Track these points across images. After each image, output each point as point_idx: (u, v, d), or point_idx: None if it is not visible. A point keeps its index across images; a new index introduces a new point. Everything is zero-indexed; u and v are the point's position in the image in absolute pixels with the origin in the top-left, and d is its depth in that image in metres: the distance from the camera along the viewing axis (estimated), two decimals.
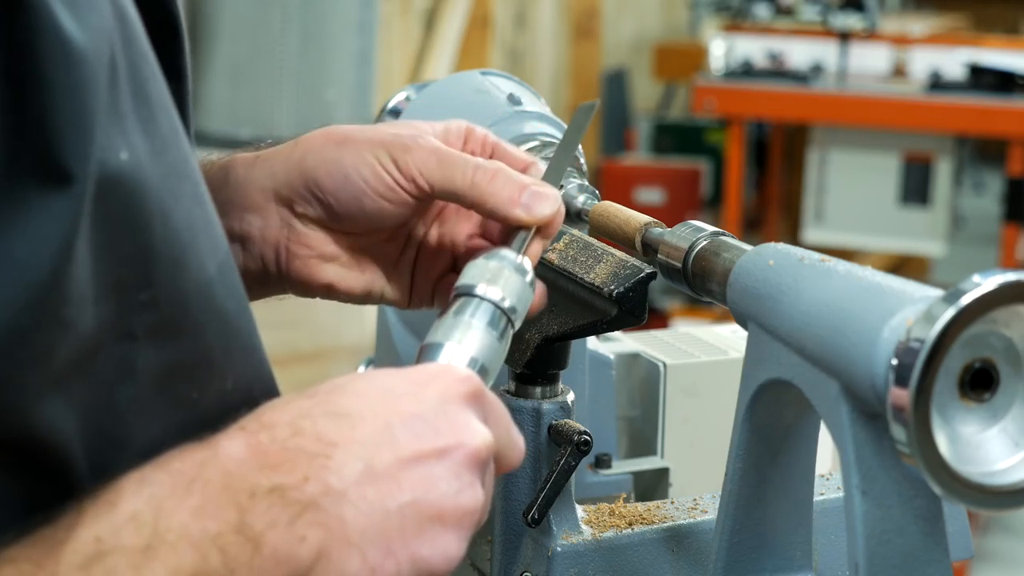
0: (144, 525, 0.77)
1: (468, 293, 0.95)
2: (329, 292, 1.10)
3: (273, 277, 1.10)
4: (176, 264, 0.85)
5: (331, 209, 1.05)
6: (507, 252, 0.98)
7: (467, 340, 0.93)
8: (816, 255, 0.98)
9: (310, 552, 0.80)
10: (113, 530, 0.76)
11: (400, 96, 1.40)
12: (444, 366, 0.90)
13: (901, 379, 0.83)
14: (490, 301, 0.95)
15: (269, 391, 0.95)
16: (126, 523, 0.77)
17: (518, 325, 0.97)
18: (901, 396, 0.83)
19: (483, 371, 0.93)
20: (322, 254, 1.08)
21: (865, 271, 0.93)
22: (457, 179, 1.02)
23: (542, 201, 1.02)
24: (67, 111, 0.75)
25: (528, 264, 0.99)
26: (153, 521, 0.77)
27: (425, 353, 0.93)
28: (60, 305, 0.76)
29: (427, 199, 1.05)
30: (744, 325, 1.02)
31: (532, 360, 1.13)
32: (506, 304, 0.95)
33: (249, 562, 0.78)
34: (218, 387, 0.89)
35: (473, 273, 0.97)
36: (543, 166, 1.08)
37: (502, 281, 0.96)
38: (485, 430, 0.86)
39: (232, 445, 0.81)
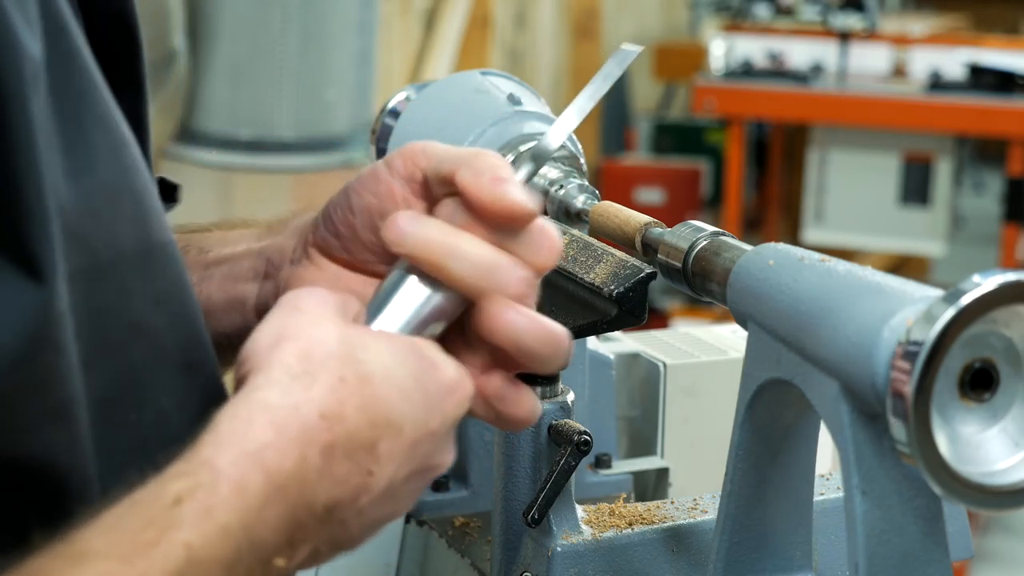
0: (232, 539, 0.77)
1: None
2: None
3: None
4: (109, 286, 0.84)
5: (331, 223, 0.99)
6: None
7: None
8: (816, 255, 0.98)
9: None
10: (205, 541, 0.76)
11: (400, 96, 1.40)
12: (461, 381, 0.88)
13: (901, 379, 0.83)
14: None
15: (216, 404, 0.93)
16: (219, 536, 0.76)
17: None
18: (901, 396, 0.83)
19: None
20: (303, 277, 1.01)
21: (865, 271, 0.93)
22: (442, 157, 0.93)
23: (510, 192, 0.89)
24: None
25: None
26: (240, 538, 0.77)
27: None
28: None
29: (417, 188, 0.96)
30: (744, 325, 1.02)
31: None
32: None
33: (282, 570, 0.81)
34: (154, 407, 0.89)
35: None
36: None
37: None
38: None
39: (315, 451, 0.80)
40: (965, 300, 0.82)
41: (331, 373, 0.82)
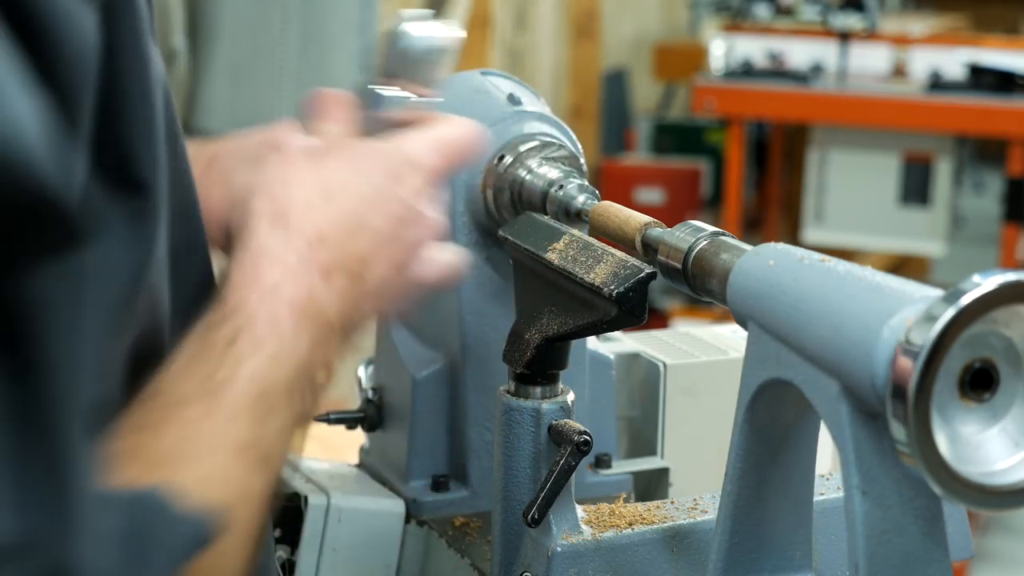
0: (282, 366, 0.86)
1: None
2: None
3: None
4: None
5: None
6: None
7: None
8: (816, 255, 0.98)
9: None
10: (265, 370, 0.85)
11: None
12: (411, 157, 0.98)
13: (901, 379, 0.83)
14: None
15: None
16: (272, 365, 0.86)
17: None
18: (901, 396, 0.83)
19: None
20: None
21: (865, 271, 0.93)
22: None
23: None
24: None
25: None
26: (288, 363, 0.86)
27: None
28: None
29: None
30: (744, 325, 1.02)
31: (532, 360, 1.13)
32: None
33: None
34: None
35: None
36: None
37: None
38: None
39: (316, 277, 0.90)
40: (965, 300, 0.82)
41: (298, 203, 0.92)
